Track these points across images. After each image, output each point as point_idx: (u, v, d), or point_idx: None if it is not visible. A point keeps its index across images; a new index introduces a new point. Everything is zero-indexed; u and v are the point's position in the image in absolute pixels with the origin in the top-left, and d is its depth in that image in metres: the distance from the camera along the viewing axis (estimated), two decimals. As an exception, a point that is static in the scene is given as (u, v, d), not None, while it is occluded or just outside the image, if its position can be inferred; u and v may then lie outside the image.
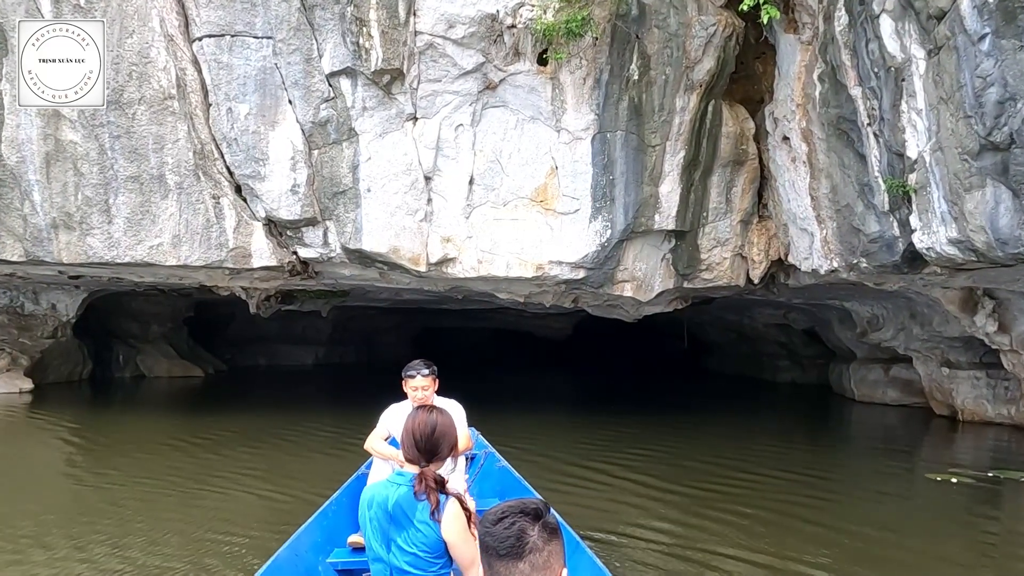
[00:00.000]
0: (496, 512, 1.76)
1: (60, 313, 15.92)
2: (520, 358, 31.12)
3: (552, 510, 1.85)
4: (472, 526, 2.96)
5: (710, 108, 10.46)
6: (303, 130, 10.03)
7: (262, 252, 10.29)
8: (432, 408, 3.17)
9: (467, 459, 5.49)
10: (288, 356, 25.38)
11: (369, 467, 5.44)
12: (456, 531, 2.91)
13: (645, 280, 11.15)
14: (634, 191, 10.33)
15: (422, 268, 10.48)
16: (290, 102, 9.97)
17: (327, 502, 5.27)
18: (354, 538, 4.61)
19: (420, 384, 4.51)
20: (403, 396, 4.74)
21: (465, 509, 3.00)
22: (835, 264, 9.47)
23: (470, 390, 5.96)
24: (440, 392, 4.75)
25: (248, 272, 10.87)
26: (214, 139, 10.03)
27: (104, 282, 13.88)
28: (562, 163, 10.24)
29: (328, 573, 4.55)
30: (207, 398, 17.78)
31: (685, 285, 11.49)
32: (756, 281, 11.38)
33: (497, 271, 10.53)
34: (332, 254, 10.62)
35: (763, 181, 11.11)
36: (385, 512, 2.96)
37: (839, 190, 9.04)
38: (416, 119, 10.16)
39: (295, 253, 10.71)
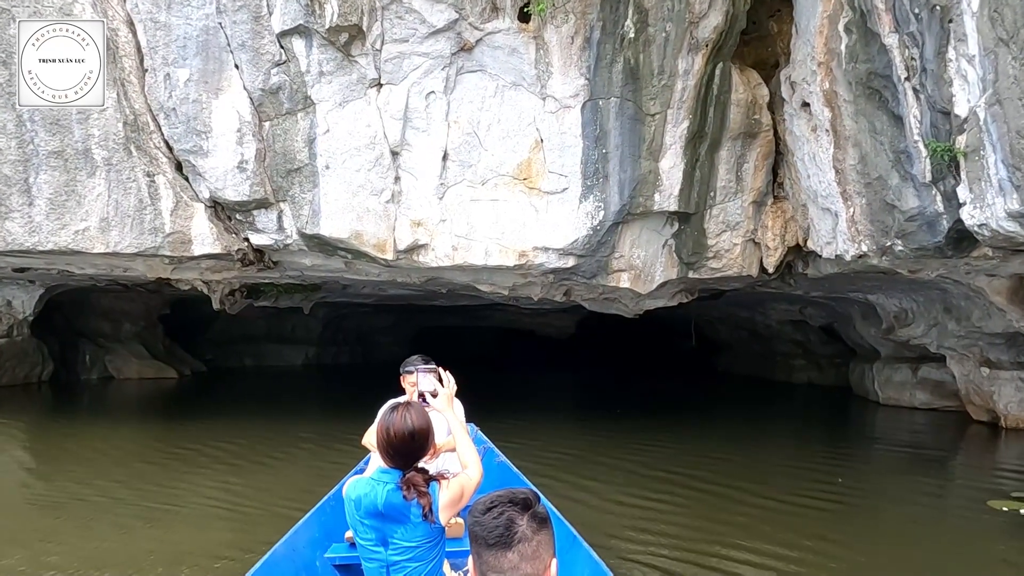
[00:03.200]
0: (485, 502, 1.73)
1: (16, 310, 14.76)
2: (522, 358, 29.86)
3: (543, 499, 1.82)
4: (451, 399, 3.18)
5: (717, 72, 9.14)
6: (251, 98, 8.80)
7: (204, 238, 9.05)
8: (407, 407, 2.96)
9: None
10: (276, 356, 24.18)
11: (367, 463, 5.38)
12: (451, 504, 2.89)
13: (644, 269, 9.84)
14: (630, 167, 9.03)
15: (389, 256, 9.21)
16: (236, 66, 8.75)
17: (324, 497, 5.17)
18: (352, 533, 4.37)
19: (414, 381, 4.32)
20: (400, 393, 4.62)
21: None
22: (864, 248, 8.13)
23: (469, 392, 5.42)
24: None
25: (192, 261, 9.63)
26: (150, 109, 8.81)
27: (55, 276, 12.68)
28: (548, 135, 8.96)
29: (326, 568, 4.47)
30: (178, 402, 16.59)
31: (690, 275, 10.18)
32: (771, 270, 10.05)
33: (474, 259, 9.25)
34: (288, 240, 9.38)
35: (778, 157, 9.80)
36: (376, 512, 2.87)
37: (869, 160, 7.70)
38: (380, 85, 8.91)
39: (247, 240, 9.46)
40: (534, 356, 30.22)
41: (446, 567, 3.20)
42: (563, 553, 1.80)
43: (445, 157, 9.06)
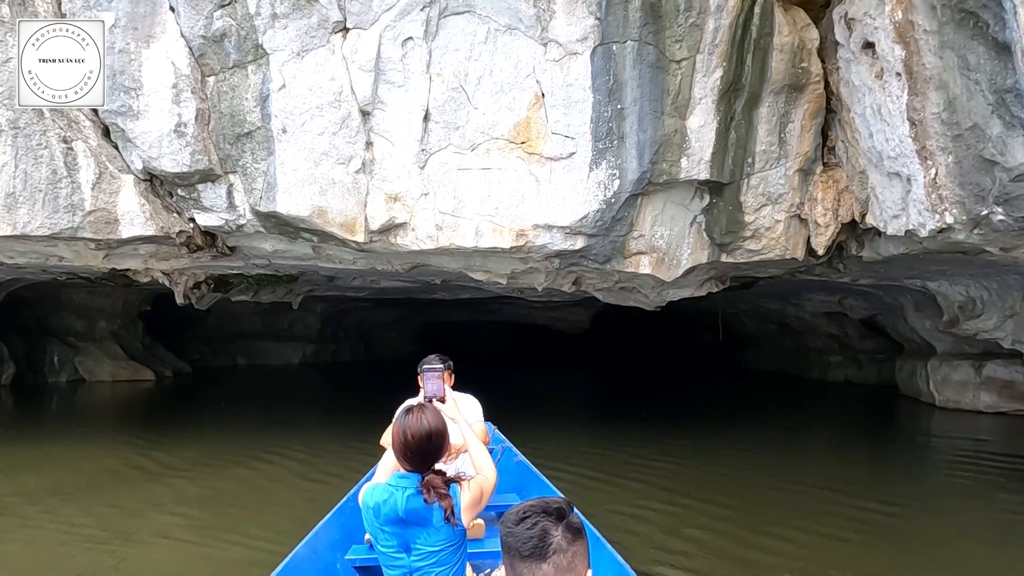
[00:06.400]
0: (518, 512, 1.70)
1: (-30, 307, 13.38)
2: (534, 354, 28.32)
3: (576, 509, 1.77)
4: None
5: (757, 9, 7.48)
6: (190, 48, 7.29)
7: (133, 217, 7.53)
8: (421, 408, 2.96)
9: None
10: (271, 354, 22.79)
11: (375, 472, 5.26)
12: (472, 505, 2.88)
13: (668, 252, 8.21)
14: (651, 126, 7.40)
15: (360, 237, 7.66)
16: (172, 8, 7.25)
17: (344, 498, 5.13)
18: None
19: None
20: (416, 392, 4.51)
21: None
22: (949, 219, 6.45)
23: (478, 391, 5.17)
24: (455, 388, 4.62)
25: (125, 246, 8.11)
26: (68, 62, 7.29)
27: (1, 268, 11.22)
28: (551, 88, 7.36)
29: (346, 570, 4.48)
30: (149, 407, 15.14)
31: (723, 259, 8.54)
32: (821, 252, 8.40)
33: (463, 240, 7.67)
34: (242, 221, 7.87)
35: (829, 115, 8.13)
36: (396, 518, 2.84)
37: (959, 106, 6.01)
38: (346, 30, 7.35)
39: (192, 220, 7.95)
40: (547, 352, 28.68)
41: (468, 570, 3.17)
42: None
43: (426, 117, 7.49)
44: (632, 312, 12.78)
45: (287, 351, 23.06)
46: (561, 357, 27.43)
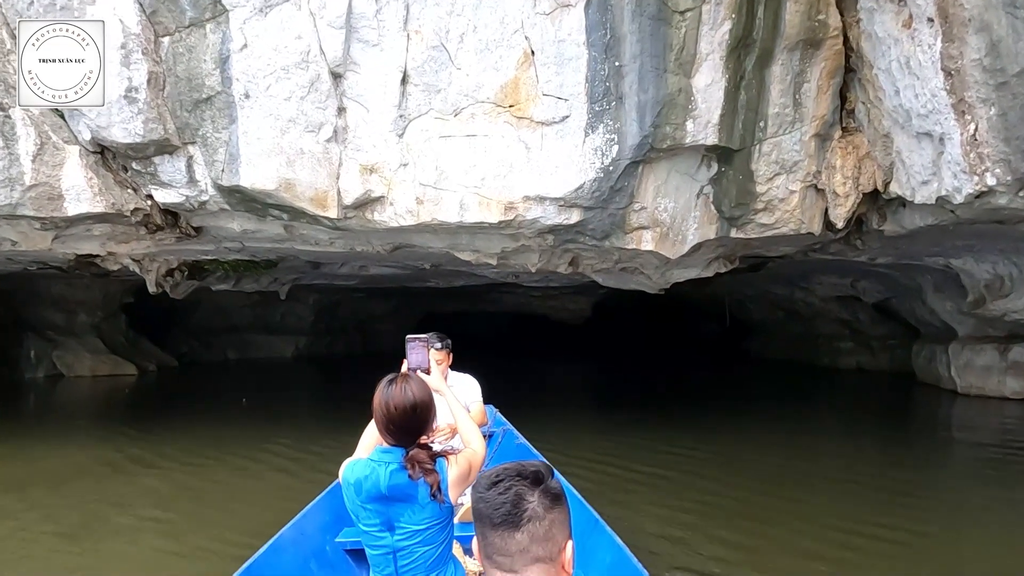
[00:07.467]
0: (490, 476, 1.53)
1: (-64, 300, 12.71)
2: (535, 345, 27.65)
3: (556, 474, 1.59)
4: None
5: (769, -46, 6.76)
6: (141, 4, 6.60)
7: (79, 192, 6.83)
8: (405, 379, 2.77)
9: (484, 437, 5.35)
10: (263, 347, 22.11)
11: None
12: (460, 481, 2.74)
13: (673, 226, 7.50)
14: (653, 85, 6.68)
15: (332, 213, 6.96)
16: (119, -39, 6.51)
17: (335, 480, 4.94)
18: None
19: (434, 358, 3.61)
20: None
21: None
22: (990, 181, 5.74)
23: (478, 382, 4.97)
24: (454, 369, 4.74)
25: (76, 226, 7.39)
26: (5, 21, 6.62)
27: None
28: (541, 45, 6.64)
29: (336, 553, 4.27)
30: (132, 403, 14.45)
31: (733, 234, 7.83)
32: (840, 224, 7.67)
33: (446, 215, 6.97)
34: (204, 196, 7.16)
35: (849, 75, 7.39)
36: (379, 495, 2.69)
37: (1004, 49, 5.30)
38: (314, -18, 6.62)
39: (150, 197, 7.24)
40: (548, 343, 28.01)
41: (457, 550, 3.09)
42: (584, 537, 1.51)
43: (404, 80, 6.78)
44: (633, 301, 12.14)
45: (279, 344, 22.39)
46: (563, 347, 26.77)
